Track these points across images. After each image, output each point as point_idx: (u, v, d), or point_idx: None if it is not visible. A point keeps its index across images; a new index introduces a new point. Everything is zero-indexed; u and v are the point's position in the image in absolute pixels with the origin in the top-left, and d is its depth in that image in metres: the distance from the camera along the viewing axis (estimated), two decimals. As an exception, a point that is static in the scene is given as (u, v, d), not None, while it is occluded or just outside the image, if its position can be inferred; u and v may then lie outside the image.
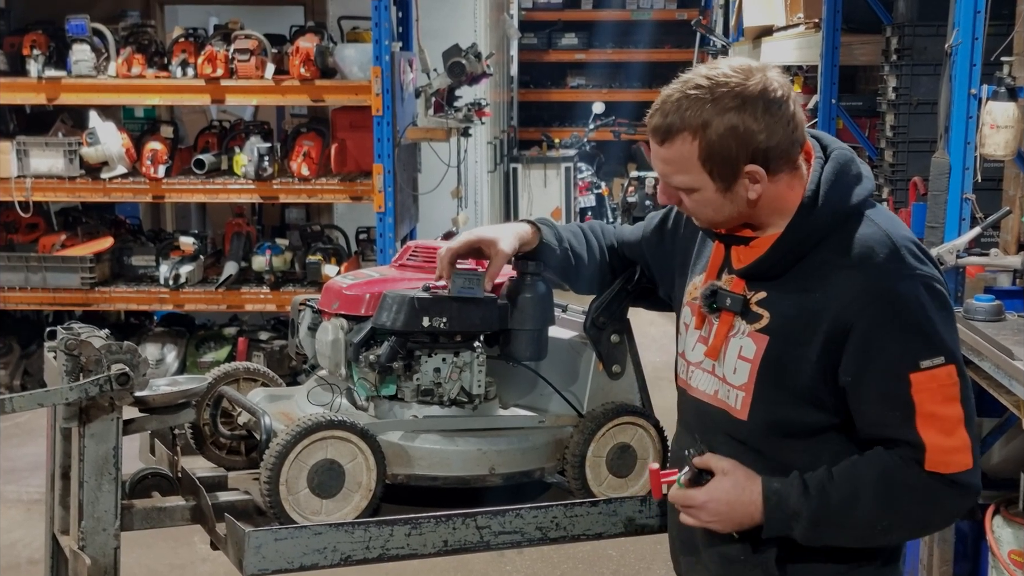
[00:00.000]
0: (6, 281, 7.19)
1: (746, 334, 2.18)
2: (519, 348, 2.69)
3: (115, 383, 2.35)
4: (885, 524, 2.12)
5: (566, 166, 11.52)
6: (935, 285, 2.12)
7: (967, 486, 2.11)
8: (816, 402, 2.14)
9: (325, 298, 2.77)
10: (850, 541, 2.16)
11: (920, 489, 2.09)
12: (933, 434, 2.07)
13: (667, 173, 2.18)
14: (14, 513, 5.77)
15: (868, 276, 2.08)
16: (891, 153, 6.25)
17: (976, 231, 4.16)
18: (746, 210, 2.17)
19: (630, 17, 14.27)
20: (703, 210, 2.19)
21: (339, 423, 2.49)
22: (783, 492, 2.13)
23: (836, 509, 2.10)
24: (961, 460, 2.09)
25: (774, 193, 2.15)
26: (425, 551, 2.42)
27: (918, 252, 2.13)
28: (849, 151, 2.22)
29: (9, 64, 7.15)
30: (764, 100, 2.08)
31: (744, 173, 2.11)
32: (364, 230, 7.59)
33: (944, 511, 2.17)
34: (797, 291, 2.14)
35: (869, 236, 2.12)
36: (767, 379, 2.16)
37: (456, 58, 6.92)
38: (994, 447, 4.42)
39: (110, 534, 2.42)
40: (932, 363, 2.07)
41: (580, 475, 2.68)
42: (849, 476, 2.11)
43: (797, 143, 2.14)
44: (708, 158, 2.10)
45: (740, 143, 2.08)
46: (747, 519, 2.17)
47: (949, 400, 2.09)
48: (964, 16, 4.09)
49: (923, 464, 2.08)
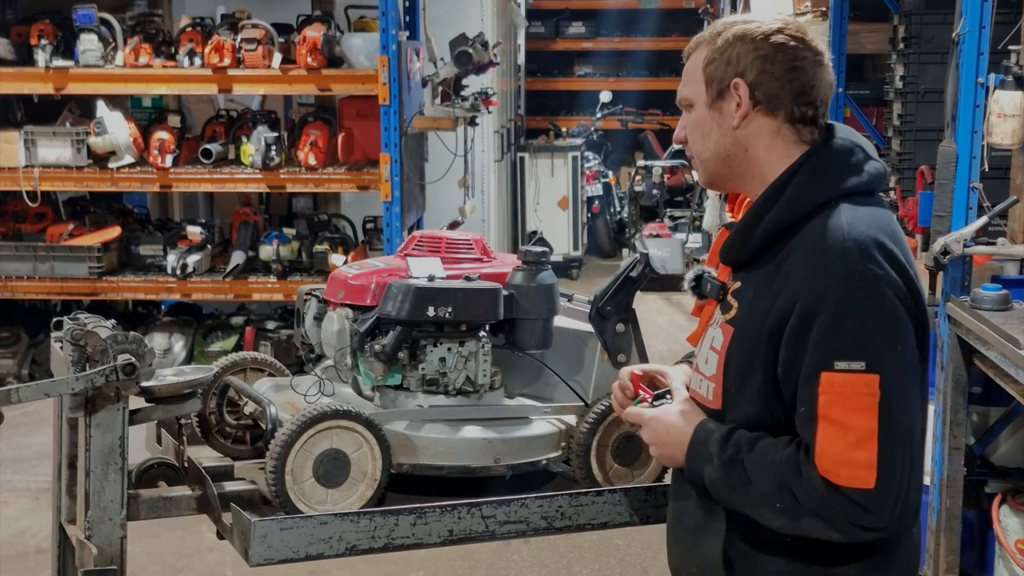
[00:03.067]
0: (14, 270, 7.20)
1: (718, 324, 2.15)
2: (524, 337, 2.69)
3: (121, 373, 2.36)
4: (781, 507, 2.01)
5: (573, 155, 11.48)
6: (883, 289, 1.98)
7: (863, 506, 1.96)
8: (776, 399, 2.06)
9: (331, 288, 2.77)
10: (748, 508, 2.06)
11: (812, 488, 1.98)
12: (829, 439, 1.96)
13: (680, 89, 2.21)
14: (22, 502, 5.79)
15: (811, 268, 2.00)
16: (898, 142, 6.24)
17: (983, 220, 4.15)
18: (731, 144, 2.14)
19: (637, 5, 14.22)
20: (695, 136, 2.19)
21: (344, 412, 2.49)
22: (710, 432, 2.10)
23: (741, 469, 2.04)
24: (859, 476, 1.95)
25: (761, 141, 2.13)
26: (430, 540, 2.43)
27: (876, 252, 2.00)
28: (853, 141, 2.15)
29: (17, 54, 7.14)
30: (782, 34, 2.10)
31: (732, 87, 2.11)
32: (371, 219, 7.58)
33: (837, 521, 1.98)
34: (762, 283, 2.08)
35: (826, 227, 2.03)
36: (731, 373, 2.10)
37: (463, 47, 6.90)
38: (1000, 436, 4.42)
39: (116, 523, 2.42)
40: (848, 366, 1.95)
41: (585, 464, 2.68)
42: (766, 446, 2.03)
43: (800, 92, 2.11)
44: (707, 64, 2.14)
45: (738, 57, 2.10)
46: (677, 450, 2.15)
47: (860, 410, 1.95)
48: (972, 4, 4.08)
49: (815, 466, 1.97)
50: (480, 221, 9.42)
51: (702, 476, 2.11)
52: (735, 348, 2.10)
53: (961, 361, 4.14)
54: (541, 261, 2.76)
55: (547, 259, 2.78)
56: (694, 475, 2.13)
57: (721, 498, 2.10)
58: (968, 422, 4.28)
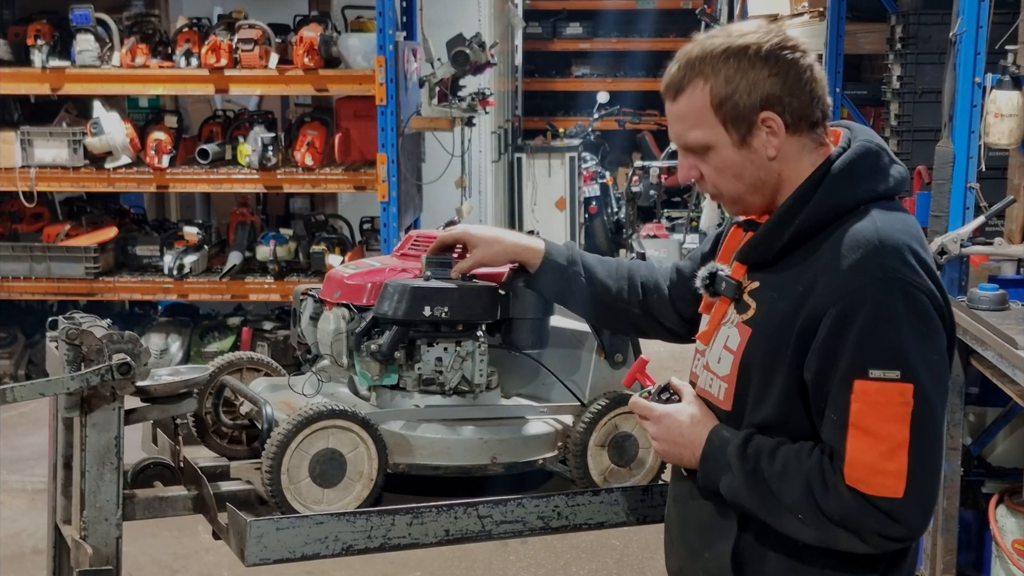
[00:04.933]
0: (10, 271, 7.20)
1: (734, 324, 2.11)
2: (521, 337, 2.68)
3: (116, 373, 2.35)
4: (803, 517, 1.98)
5: (570, 156, 11.49)
6: (918, 295, 1.94)
7: (892, 515, 1.93)
8: (798, 402, 2.03)
9: (327, 288, 2.77)
10: (771, 518, 2.03)
11: (839, 498, 1.95)
12: (861, 449, 1.93)
13: (682, 132, 2.09)
14: (19, 503, 5.78)
15: (844, 272, 1.95)
16: (895, 142, 6.24)
17: (980, 220, 4.16)
18: (767, 174, 2.07)
19: (635, 6, 14.23)
20: (723, 178, 2.09)
21: (341, 412, 2.49)
22: (727, 439, 2.07)
23: (763, 479, 2.00)
24: (889, 485, 1.92)
25: (793, 160, 2.06)
26: (427, 540, 2.42)
27: (910, 258, 1.96)
28: (879, 144, 2.11)
29: (13, 54, 7.15)
30: (780, 50, 2.02)
31: (760, 121, 2.02)
32: (368, 220, 7.59)
33: (864, 531, 1.96)
34: (785, 285, 2.04)
35: (858, 231, 1.98)
36: (747, 374, 2.07)
37: (460, 47, 6.90)
38: (998, 437, 4.42)
39: (112, 524, 2.42)
40: (883, 375, 1.91)
41: (582, 464, 2.68)
42: (788, 455, 2.00)
43: (817, 102, 2.05)
44: (721, 104, 2.02)
45: (753, 87, 2.01)
46: (687, 452, 2.12)
47: (894, 420, 1.92)
48: (969, 4, 4.08)
49: (843, 475, 1.94)
50: (478, 222, 9.41)
51: (718, 484, 2.08)
52: (754, 350, 2.06)
53: (958, 361, 4.14)
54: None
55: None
56: (709, 481, 2.10)
57: (741, 508, 2.07)
58: (965, 422, 4.29)
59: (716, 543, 2.14)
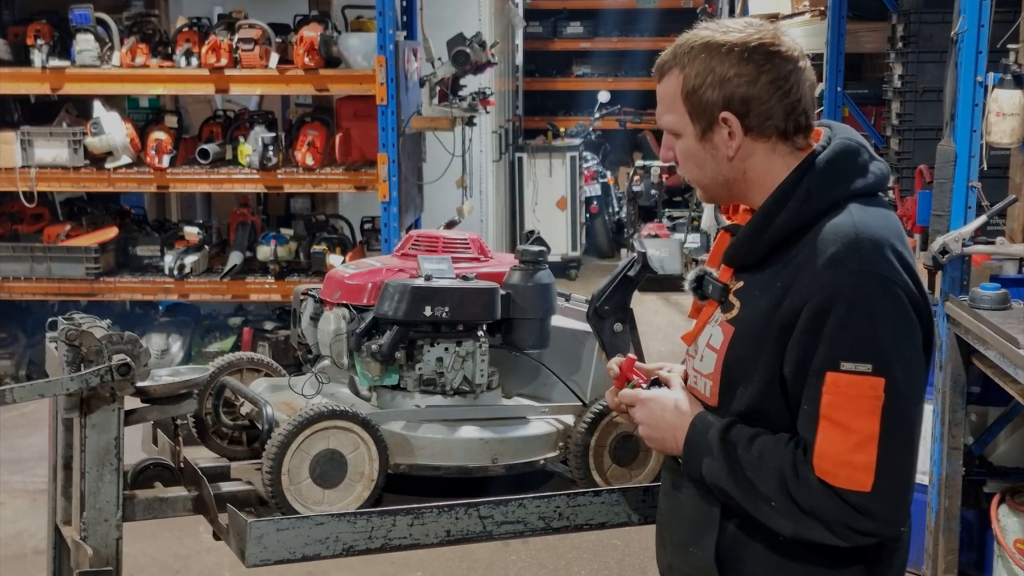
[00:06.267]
0: (11, 271, 7.19)
1: (717, 323, 2.12)
2: (522, 337, 2.68)
3: (116, 373, 2.34)
4: (777, 505, 1.99)
5: (571, 155, 11.48)
6: (895, 290, 1.95)
7: (859, 509, 1.94)
8: (778, 397, 2.03)
9: (327, 288, 2.76)
10: (749, 505, 2.03)
11: (809, 489, 1.96)
12: (830, 440, 1.94)
13: (660, 113, 2.17)
14: (19, 503, 5.77)
15: (822, 266, 1.96)
16: (897, 141, 6.24)
17: (982, 219, 4.15)
18: (728, 171, 2.10)
19: (635, 5, 14.23)
20: (687, 165, 2.15)
21: (341, 413, 2.48)
22: (710, 423, 2.09)
23: (740, 465, 2.02)
24: (857, 478, 1.93)
25: (759, 162, 2.08)
26: (428, 541, 2.42)
27: (888, 253, 1.97)
28: (858, 142, 2.12)
29: (13, 54, 7.14)
30: (758, 51, 2.03)
31: (721, 120, 2.05)
32: (369, 220, 7.58)
33: (833, 524, 1.96)
34: (768, 284, 2.04)
35: (836, 226, 2.00)
36: (731, 371, 2.09)
37: (460, 47, 6.89)
38: (999, 436, 4.42)
39: (112, 525, 2.41)
40: (855, 367, 1.92)
41: (583, 464, 2.67)
42: (766, 443, 2.01)
43: (793, 112, 2.06)
44: (688, 95, 2.07)
45: (721, 85, 2.04)
46: (670, 436, 2.14)
47: (864, 413, 1.93)
48: (970, 3, 4.07)
49: (812, 466, 1.95)
50: (478, 221, 9.41)
51: (700, 467, 2.09)
52: (736, 346, 2.08)
53: (960, 361, 4.13)
54: (538, 260, 2.75)
55: (544, 258, 2.77)
56: (692, 466, 2.12)
57: (720, 492, 2.08)
58: (967, 422, 4.28)
59: (701, 537, 2.15)
